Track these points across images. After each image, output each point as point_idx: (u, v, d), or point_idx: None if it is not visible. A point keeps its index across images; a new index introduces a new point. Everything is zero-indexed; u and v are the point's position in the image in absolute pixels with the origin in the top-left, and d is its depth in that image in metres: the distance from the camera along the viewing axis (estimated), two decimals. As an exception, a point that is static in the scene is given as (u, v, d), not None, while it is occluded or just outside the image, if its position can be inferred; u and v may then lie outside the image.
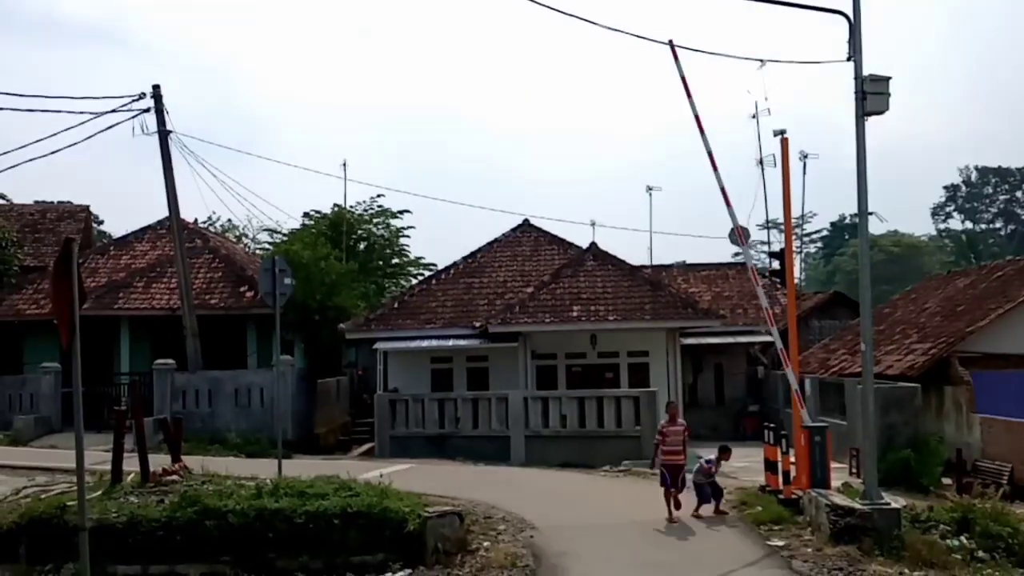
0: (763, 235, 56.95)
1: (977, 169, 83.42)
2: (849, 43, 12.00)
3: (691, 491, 12.97)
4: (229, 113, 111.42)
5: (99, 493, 12.23)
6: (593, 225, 29.02)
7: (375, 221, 42.87)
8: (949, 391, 20.62)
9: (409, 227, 43.79)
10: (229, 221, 48.84)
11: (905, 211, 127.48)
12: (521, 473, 18.15)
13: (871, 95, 11.87)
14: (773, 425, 15.20)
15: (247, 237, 47.68)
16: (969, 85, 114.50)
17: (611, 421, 20.09)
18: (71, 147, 25.10)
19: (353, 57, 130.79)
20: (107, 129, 21.97)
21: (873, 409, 12.69)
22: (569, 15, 12.22)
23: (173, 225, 24.56)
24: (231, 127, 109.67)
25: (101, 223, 52.44)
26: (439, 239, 66.75)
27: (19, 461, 17.71)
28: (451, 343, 23.76)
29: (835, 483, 13.32)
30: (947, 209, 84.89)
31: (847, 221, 74.39)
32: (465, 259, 27.66)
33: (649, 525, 12.42)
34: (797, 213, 53.47)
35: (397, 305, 26.12)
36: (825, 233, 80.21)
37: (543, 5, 11.65)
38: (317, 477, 12.44)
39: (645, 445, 19.70)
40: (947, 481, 18.36)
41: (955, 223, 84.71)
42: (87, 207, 34.98)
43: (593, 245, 25.89)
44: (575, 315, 22.75)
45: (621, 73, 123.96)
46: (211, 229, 39.91)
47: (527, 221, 29.61)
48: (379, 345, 24.10)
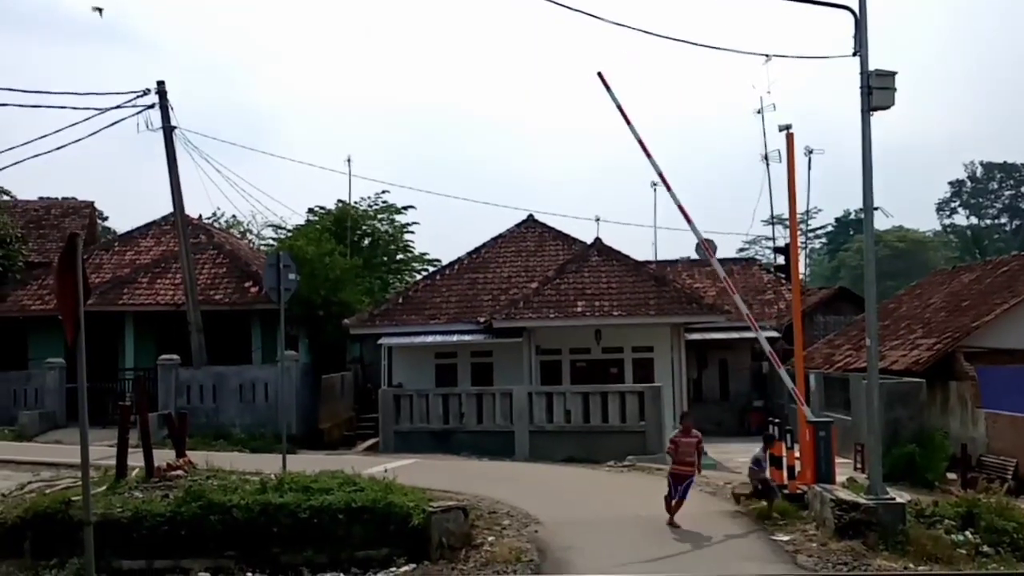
0: (768, 231, 57.05)
1: (982, 164, 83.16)
2: (855, 38, 11.98)
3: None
4: (234, 109, 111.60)
5: (103, 488, 12.27)
6: (597, 221, 29.20)
7: (379, 217, 42.89)
8: (954, 386, 20.59)
9: (413, 223, 43.89)
10: (233, 217, 48.82)
11: (910, 207, 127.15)
12: (525, 468, 18.14)
13: (877, 90, 11.84)
14: (778, 420, 15.20)
15: (251, 233, 47.66)
16: (975, 80, 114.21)
17: (615, 416, 20.06)
18: (75, 143, 25.16)
19: (358, 54, 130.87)
20: (111, 125, 22.04)
21: (878, 404, 12.67)
22: (573, 9, 12.19)
23: (178, 221, 24.58)
24: (236, 123, 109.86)
25: (105, 219, 52.58)
26: (443, 235, 66.78)
27: (24, 456, 17.79)
28: (455, 338, 23.76)
29: (840, 478, 13.31)
30: (952, 204, 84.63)
31: (852, 217, 74.24)
32: (469, 255, 27.64)
33: (653, 520, 12.40)
34: (802, 208, 53.20)
35: (401, 300, 26.13)
36: (830, 229, 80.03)
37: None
38: (321, 472, 12.47)
39: (650, 440, 19.73)
40: (952, 476, 18.36)
41: (960, 218, 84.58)
42: (91, 203, 35.02)
43: (597, 240, 25.86)
44: (579, 310, 22.74)
45: (625, 68, 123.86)
46: (215, 225, 39.85)
47: (531, 217, 29.58)
48: (383, 340, 24.10)
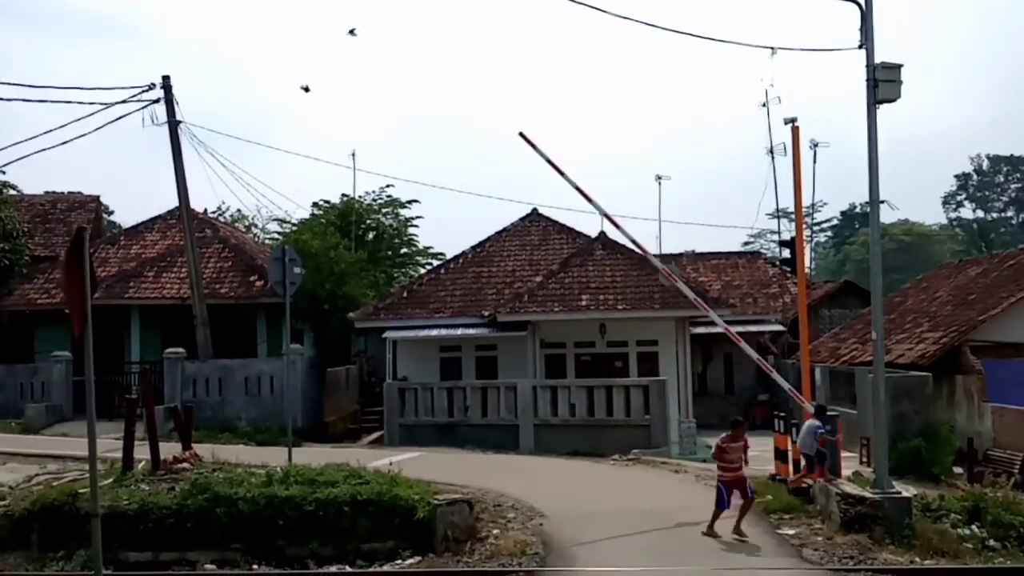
0: (773, 224, 56.88)
1: (989, 158, 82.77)
2: (861, 31, 11.94)
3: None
4: (239, 104, 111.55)
5: (110, 481, 12.32)
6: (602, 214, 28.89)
7: (384, 211, 42.92)
8: (960, 380, 20.51)
9: (418, 217, 43.90)
10: (239, 211, 48.93)
11: (916, 200, 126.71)
12: (530, 461, 18.16)
13: (883, 83, 11.79)
14: (783, 414, 15.17)
15: (256, 227, 47.76)
16: (981, 73, 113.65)
17: (620, 410, 20.05)
18: (81, 138, 25.35)
19: (362, 48, 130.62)
20: (117, 120, 22.02)
21: (884, 398, 12.63)
22: (578, 2, 12.13)
23: (183, 215, 24.61)
24: (241, 118, 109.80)
25: (111, 213, 52.67)
26: (448, 229, 66.63)
27: (31, 449, 17.86)
28: (460, 332, 23.77)
29: (846, 472, 13.32)
30: (958, 198, 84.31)
31: (858, 210, 74.01)
32: (474, 248, 27.62)
33: (659, 513, 12.41)
34: (807, 202, 53.11)
35: (406, 294, 26.12)
36: (835, 222, 79.83)
37: (552, -9, 11.57)
38: (327, 465, 12.51)
39: (655, 434, 19.73)
40: (958, 470, 18.30)
41: (966, 212, 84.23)
42: (97, 197, 35.07)
43: (602, 234, 25.79)
44: (584, 304, 22.71)
45: (629, 61, 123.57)
46: (221, 219, 39.98)
47: (536, 210, 29.53)
48: (388, 334, 24.12)
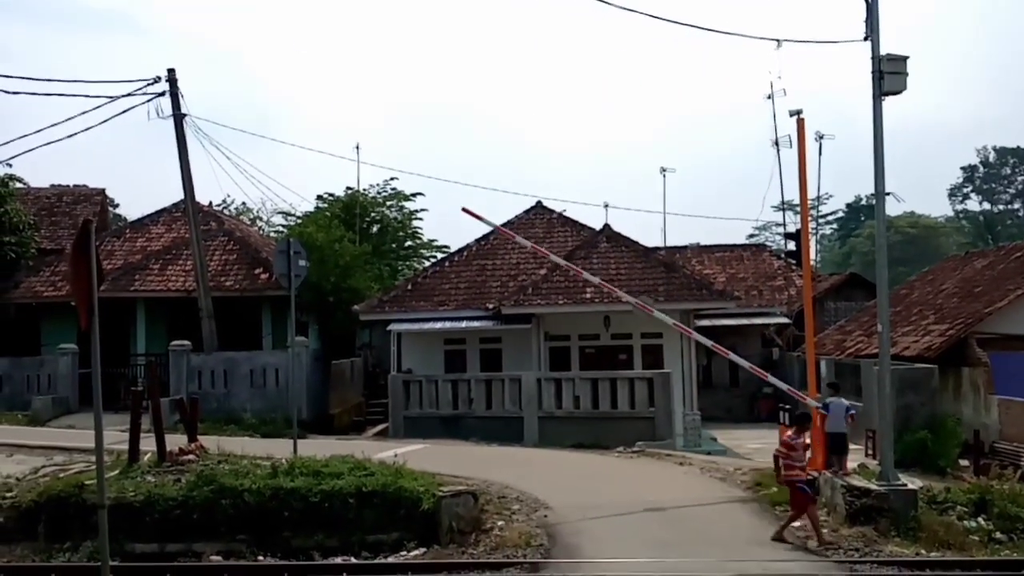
0: (778, 216, 56.73)
1: (995, 150, 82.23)
2: (866, 22, 11.87)
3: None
4: (244, 98, 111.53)
5: (116, 472, 12.36)
6: (606, 207, 28.99)
7: (388, 204, 42.93)
8: (967, 372, 20.47)
9: (422, 210, 43.93)
10: (244, 204, 48.94)
11: (922, 192, 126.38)
12: (535, 454, 18.16)
13: (888, 75, 11.74)
14: (788, 407, 15.14)
15: (261, 220, 47.79)
16: (988, 65, 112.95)
17: (625, 402, 20.04)
18: (87, 131, 25.22)
19: (366, 42, 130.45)
20: (122, 113, 22.05)
21: (890, 390, 12.60)
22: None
23: (188, 208, 24.62)
24: (246, 111, 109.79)
25: (117, 206, 52.67)
26: (452, 221, 66.72)
27: (37, 441, 17.89)
28: (464, 324, 23.75)
29: (851, 464, 13.27)
30: (965, 190, 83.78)
31: (863, 202, 73.77)
32: (478, 241, 27.59)
33: (663, 506, 12.40)
34: (813, 194, 52.80)
35: (411, 287, 26.12)
36: (841, 214, 79.54)
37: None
38: (332, 457, 12.53)
39: (659, 426, 19.72)
40: (964, 463, 18.28)
41: (973, 204, 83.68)
42: (103, 190, 35.09)
43: (606, 227, 25.76)
44: (588, 297, 22.67)
45: (634, 53, 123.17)
46: (226, 212, 39.96)
47: (540, 203, 29.48)
48: (393, 327, 24.12)
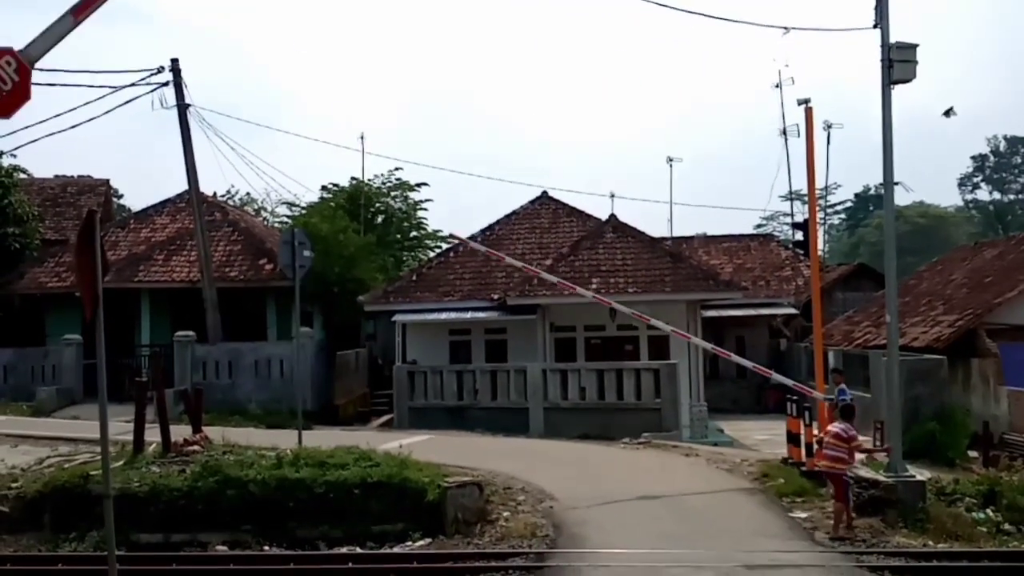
0: (786, 206, 56.49)
1: (1006, 139, 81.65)
2: (875, 10, 11.73)
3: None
4: (248, 88, 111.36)
5: (121, 463, 12.35)
6: (612, 197, 28.82)
7: (393, 194, 42.84)
8: (976, 363, 20.33)
9: (427, 200, 43.85)
10: (248, 194, 48.99)
11: (931, 182, 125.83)
12: (540, 445, 18.10)
13: (898, 63, 11.60)
14: (796, 398, 15.04)
15: (266, 210, 47.76)
16: (998, 53, 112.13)
17: (631, 394, 19.95)
18: (90, 121, 25.24)
19: (372, 31, 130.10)
20: (126, 103, 21.92)
21: (898, 381, 12.51)
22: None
23: (192, 198, 24.57)
24: (250, 101, 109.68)
25: (121, 197, 52.70)
26: (457, 212, 66.64)
27: (42, 431, 17.92)
28: (469, 315, 23.68)
29: (859, 455, 13.18)
30: (974, 179, 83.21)
31: (872, 192, 73.42)
32: (483, 232, 27.50)
33: (669, 497, 12.34)
34: (821, 184, 52.76)
35: (415, 278, 26.06)
36: (849, 204, 79.27)
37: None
38: (337, 447, 12.50)
39: (665, 417, 19.63)
40: (973, 454, 18.17)
41: (983, 194, 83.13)
42: (107, 181, 35.07)
43: (612, 217, 25.63)
44: (594, 287, 22.52)
45: (641, 43, 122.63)
46: (230, 202, 39.94)
47: (545, 193, 29.35)
48: (398, 317, 24.08)
